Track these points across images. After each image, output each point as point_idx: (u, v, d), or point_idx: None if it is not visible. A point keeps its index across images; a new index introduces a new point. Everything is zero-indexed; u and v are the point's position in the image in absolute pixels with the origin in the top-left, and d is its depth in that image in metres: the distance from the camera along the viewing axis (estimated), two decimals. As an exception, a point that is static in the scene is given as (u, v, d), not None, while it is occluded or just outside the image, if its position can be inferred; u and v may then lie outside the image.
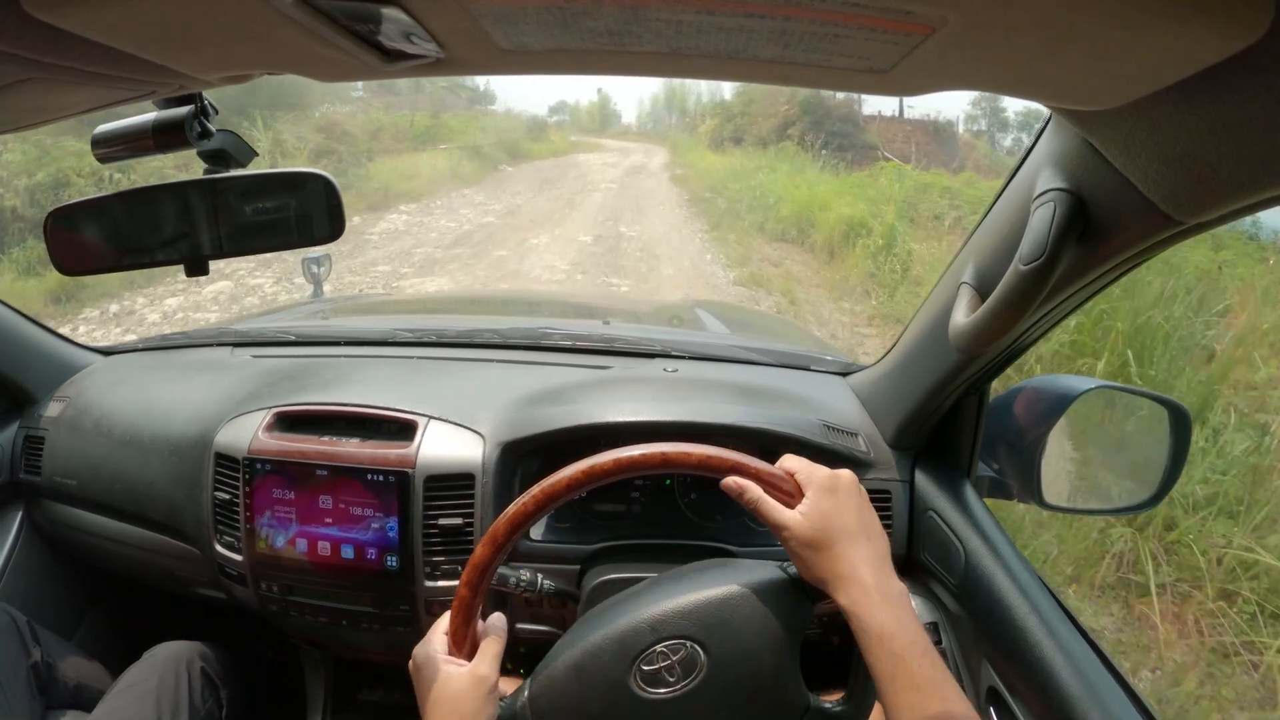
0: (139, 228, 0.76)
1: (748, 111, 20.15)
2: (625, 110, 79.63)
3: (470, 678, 0.62)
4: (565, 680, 0.63)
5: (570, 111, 53.84)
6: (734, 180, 11.73)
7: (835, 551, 0.60)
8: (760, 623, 0.62)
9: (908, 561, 0.96)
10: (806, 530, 0.61)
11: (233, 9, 0.34)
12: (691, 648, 0.62)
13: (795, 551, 0.62)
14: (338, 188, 0.76)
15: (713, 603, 0.63)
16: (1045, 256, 0.51)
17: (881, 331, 5.03)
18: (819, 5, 0.32)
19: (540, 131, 27.43)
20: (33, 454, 1.22)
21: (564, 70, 0.45)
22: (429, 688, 0.63)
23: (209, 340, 1.35)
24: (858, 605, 0.58)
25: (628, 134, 46.61)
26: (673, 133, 35.12)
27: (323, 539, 0.96)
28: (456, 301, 2.76)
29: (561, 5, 0.34)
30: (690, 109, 38.27)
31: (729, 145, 19.10)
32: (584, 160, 21.17)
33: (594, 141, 33.42)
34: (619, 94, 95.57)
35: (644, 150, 27.16)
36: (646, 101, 55.12)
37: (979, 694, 0.81)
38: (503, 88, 58.95)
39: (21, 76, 0.40)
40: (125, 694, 0.98)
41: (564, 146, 26.02)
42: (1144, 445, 0.93)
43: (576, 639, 0.65)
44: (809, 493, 0.63)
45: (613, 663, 0.62)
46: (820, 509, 0.61)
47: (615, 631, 0.63)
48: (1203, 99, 0.36)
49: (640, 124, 49.93)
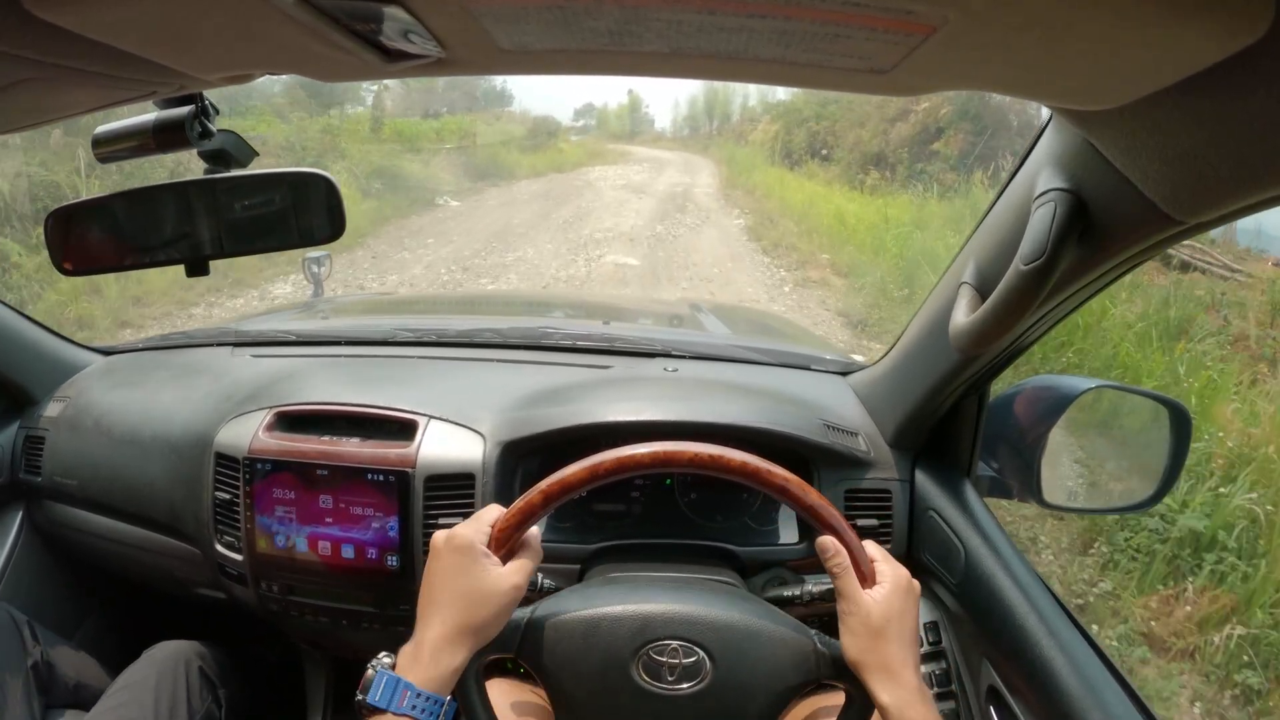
0: (140, 227, 0.76)
1: (825, 114, 13.47)
2: (659, 114, 75.87)
3: (506, 581, 0.61)
4: (572, 627, 0.64)
5: (598, 115, 48.01)
6: (865, 232, 6.92)
7: (890, 647, 0.62)
8: (771, 667, 0.64)
9: (908, 561, 0.96)
10: (877, 616, 0.63)
11: (233, 9, 0.34)
12: (702, 658, 0.63)
13: (853, 629, 0.63)
14: (338, 187, 0.76)
15: (740, 629, 0.64)
16: (1045, 256, 0.51)
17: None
18: (819, 5, 0.32)
19: (544, 138, 20.85)
20: (33, 454, 1.22)
21: (564, 70, 0.45)
22: (457, 573, 0.61)
23: (209, 340, 1.35)
24: (900, 702, 0.60)
25: (660, 140, 39.92)
26: (716, 140, 27.56)
27: (323, 539, 0.96)
28: (456, 302, 2.76)
29: (562, 5, 0.34)
30: (734, 113, 31.57)
31: (807, 160, 13.01)
32: (600, 178, 14.43)
33: (619, 150, 25.74)
34: (652, 96, 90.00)
35: (683, 162, 19.53)
36: (683, 104, 48.57)
37: (979, 693, 0.81)
38: (524, 88, 55.62)
39: (22, 76, 0.40)
40: (123, 693, 0.98)
41: (576, 157, 18.82)
42: (1144, 445, 0.93)
43: (599, 596, 0.66)
44: (886, 584, 0.65)
45: (626, 637, 0.63)
46: (892, 602, 0.64)
47: (641, 610, 0.65)
48: (1203, 99, 0.36)
49: (675, 130, 44.56)
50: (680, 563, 0.91)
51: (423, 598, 0.62)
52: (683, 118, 44.35)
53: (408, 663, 0.59)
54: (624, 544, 0.96)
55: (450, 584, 0.61)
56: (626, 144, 32.08)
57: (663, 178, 14.83)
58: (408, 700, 0.57)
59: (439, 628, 0.59)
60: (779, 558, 0.95)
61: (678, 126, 44.16)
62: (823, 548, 0.66)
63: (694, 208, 10.34)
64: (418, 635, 0.60)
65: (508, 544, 0.63)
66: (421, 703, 0.57)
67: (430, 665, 0.58)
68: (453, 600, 0.60)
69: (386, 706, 0.56)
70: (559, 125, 28.40)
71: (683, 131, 42.15)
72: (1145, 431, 0.93)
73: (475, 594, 0.60)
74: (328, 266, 1.97)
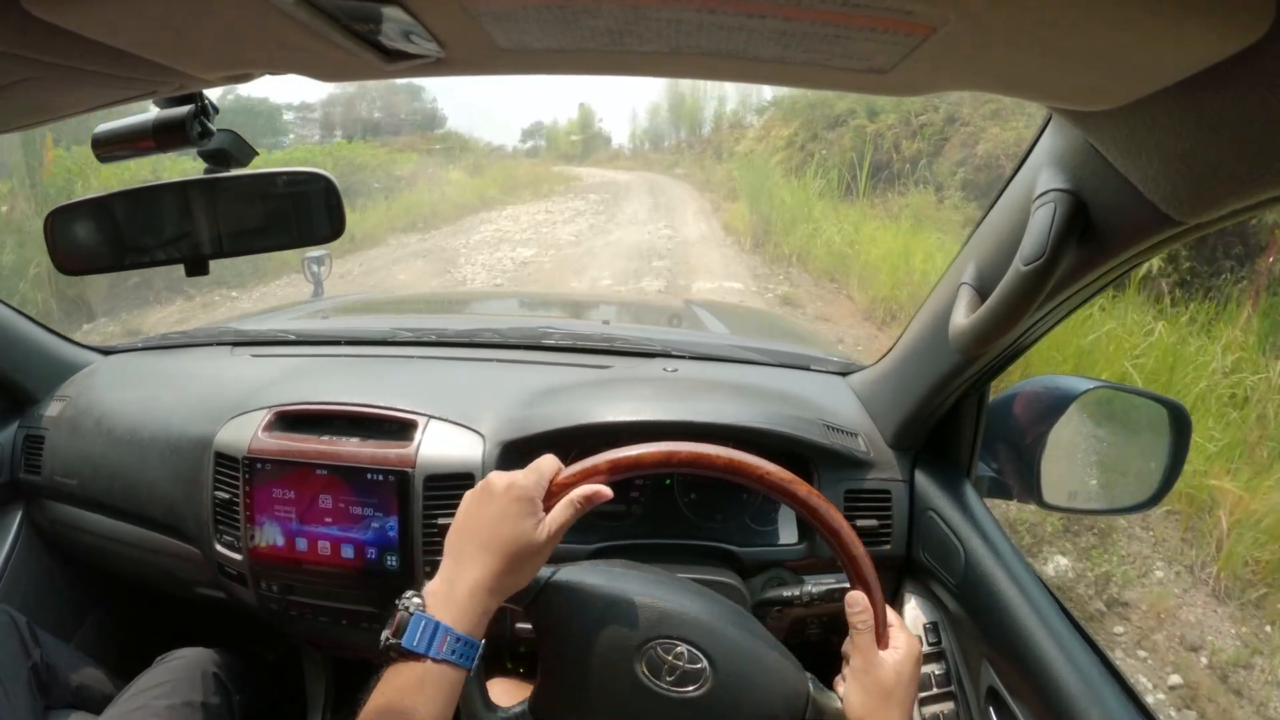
0: (139, 227, 0.76)
1: (877, 106, 8.35)
2: (616, 128, 68.49)
3: (552, 539, 0.61)
4: (590, 601, 0.64)
5: (547, 134, 41.56)
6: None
7: (895, 712, 0.64)
8: (765, 696, 0.65)
9: (907, 561, 0.96)
10: (889, 680, 0.64)
11: (233, 8, 0.34)
12: (704, 667, 0.63)
13: (866, 687, 0.64)
14: (338, 187, 0.76)
15: (746, 651, 0.65)
16: (1045, 257, 0.51)
17: None
18: (819, 5, 0.32)
19: (437, 162, 13.41)
20: (33, 453, 1.22)
21: (564, 70, 0.45)
22: (513, 521, 0.60)
23: (209, 340, 1.35)
24: None
25: (619, 158, 32.44)
26: (689, 154, 21.84)
27: (323, 538, 0.96)
28: (456, 301, 2.77)
29: (561, 4, 0.34)
30: (706, 122, 25.58)
31: (888, 186, 7.74)
32: (495, 237, 8.18)
33: (565, 173, 18.75)
34: (606, 109, 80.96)
35: (648, 189, 12.80)
36: (642, 115, 41.92)
37: (979, 694, 0.81)
38: (460, 107, 49.97)
39: (22, 76, 0.40)
40: (139, 697, 0.98)
41: (464, 200, 10.73)
42: (1144, 445, 0.93)
43: (623, 578, 0.67)
44: (901, 650, 0.66)
45: (640, 626, 0.64)
46: (905, 668, 0.65)
47: (661, 604, 0.65)
48: (1203, 99, 0.36)
49: (635, 144, 37.61)
50: (680, 563, 0.91)
51: (462, 536, 0.61)
52: (642, 131, 38.09)
53: (440, 604, 0.57)
54: (624, 544, 0.96)
55: (502, 530, 0.60)
56: (580, 165, 26.21)
57: (616, 237, 8.12)
58: (447, 645, 0.55)
59: (480, 572, 0.58)
60: (778, 558, 0.95)
61: (637, 140, 37.89)
62: (852, 602, 0.67)
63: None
64: (450, 575, 0.59)
65: (556, 499, 0.63)
66: (460, 647, 0.56)
67: (468, 609, 0.57)
68: (501, 547, 0.59)
69: (425, 651, 0.54)
70: (465, 142, 21.82)
71: (643, 145, 36.34)
72: (1144, 432, 0.93)
73: (526, 547, 0.60)
74: (328, 266, 1.98)
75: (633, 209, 9.56)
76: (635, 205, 9.78)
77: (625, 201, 10.25)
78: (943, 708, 0.85)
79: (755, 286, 6.20)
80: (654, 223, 8.38)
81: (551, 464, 0.65)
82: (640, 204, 10.03)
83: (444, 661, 0.55)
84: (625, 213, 9.15)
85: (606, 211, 9.50)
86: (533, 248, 7.56)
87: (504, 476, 0.62)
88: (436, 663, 0.55)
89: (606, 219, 8.80)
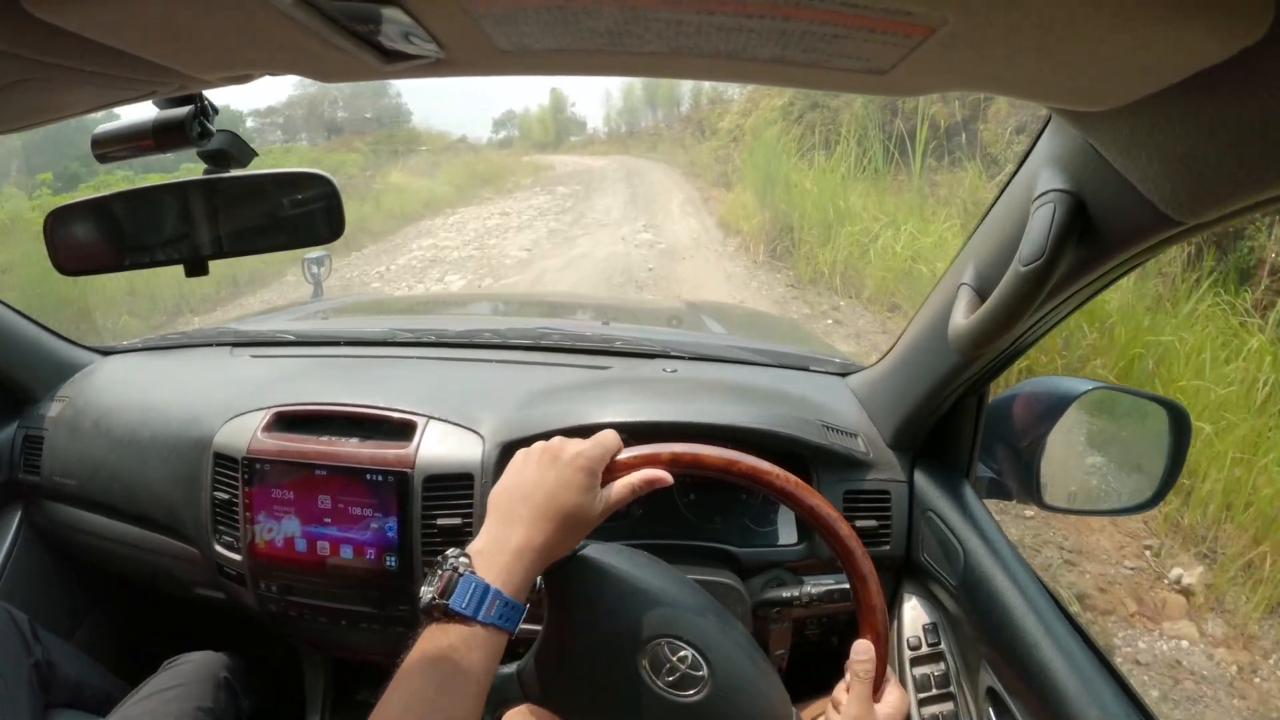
0: (139, 227, 0.76)
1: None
2: (590, 112, 65.51)
3: (601, 512, 0.61)
4: (612, 582, 0.64)
5: (519, 123, 39.66)
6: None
7: None
8: (752, 712, 0.65)
9: (907, 562, 0.96)
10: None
11: (233, 9, 0.34)
12: (705, 676, 0.63)
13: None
14: (338, 188, 0.76)
15: (745, 672, 0.65)
16: (1045, 258, 0.51)
17: None
18: (818, 5, 0.32)
19: (384, 159, 11.28)
20: (32, 453, 1.22)
21: (564, 71, 0.45)
22: (574, 491, 0.59)
23: (208, 340, 1.35)
24: None
25: (594, 144, 31.14)
26: (668, 135, 20.29)
27: (322, 539, 0.96)
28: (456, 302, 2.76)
29: (561, 5, 0.34)
30: (684, 99, 23.84)
31: (936, 161, 5.54)
32: (432, 256, 6.51)
33: (536, 163, 17.00)
34: (578, 91, 77.40)
35: (625, 176, 11.37)
36: (616, 95, 39.21)
37: (978, 695, 0.81)
38: (429, 100, 46.06)
39: (21, 76, 0.40)
40: (147, 701, 0.98)
41: (405, 209, 8.85)
42: (1143, 445, 0.93)
43: (648, 568, 0.67)
44: (893, 704, 0.66)
45: (654, 619, 0.64)
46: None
47: (679, 603, 0.65)
48: (1203, 99, 0.36)
49: (611, 126, 36.15)
50: (679, 563, 0.91)
51: (513, 498, 0.60)
52: (617, 112, 36.54)
53: (486, 565, 0.56)
54: (623, 544, 0.96)
55: (562, 497, 0.59)
56: (552, 154, 23.74)
57: (580, 242, 6.39)
58: (495, 608, 0.53)
59: (536, 537, 0.57)
60: (778, 559, 0.95)
61: (613, 124, 36.38)
62: (859, 650, 0.67)
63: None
64: (499, 534, 0.57)
65: (615, 478, 0.63)
66: (507, 611, 0.54)
67: (515, 571, 0.56)
68: (558, 515, 0.58)
69: (474, 615, 0.53)
70: (416, 136, 19.72)
71: (619, 128, 35.12)
72: (1144, 432, 0.93)
73: (582, 518, 0.59)
74: (327, 266, 1.98)
75: (606, 203, 7.85)
76: (609, 198, 8.00)
77: (598, 194, 8.44)
78: (942, 708, 0.85)
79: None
80: (632, 222, 6.60)
81: (615, 440, 0.64)
82: (615, 196, 8.14)
83: (491, 625, 0.53)
84: (597, 209, 7.34)
85: (574, 209, 7.62)
86: (467, 273, 5.61)
87: (571, 444, 0.62)
88: (484, 626, 0.53)
89: (572, 220, 7.04)
